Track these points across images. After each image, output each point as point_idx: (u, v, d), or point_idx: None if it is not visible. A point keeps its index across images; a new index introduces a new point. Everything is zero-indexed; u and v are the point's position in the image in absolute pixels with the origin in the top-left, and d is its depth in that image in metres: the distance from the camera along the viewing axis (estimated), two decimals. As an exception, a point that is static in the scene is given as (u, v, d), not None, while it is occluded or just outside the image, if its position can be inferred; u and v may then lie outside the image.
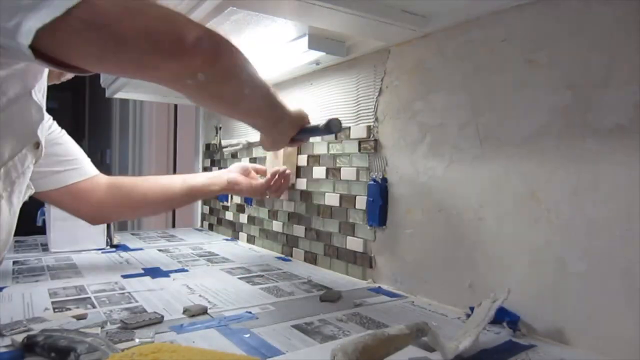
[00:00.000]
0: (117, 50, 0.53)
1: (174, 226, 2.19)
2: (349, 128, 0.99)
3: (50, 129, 0.90)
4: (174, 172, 2.26)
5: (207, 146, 1.72)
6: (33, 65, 0.59)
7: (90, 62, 0.54)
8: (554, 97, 0.62)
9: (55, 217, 1.16)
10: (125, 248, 1.24)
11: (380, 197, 0.89)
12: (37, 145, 0.72)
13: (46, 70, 0.68)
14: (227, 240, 1.46)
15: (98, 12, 0.49)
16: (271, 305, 0.74)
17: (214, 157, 1.65)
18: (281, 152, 1.13)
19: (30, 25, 0.46)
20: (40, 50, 0.48)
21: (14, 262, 1.03)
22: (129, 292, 0.80)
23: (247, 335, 0.61)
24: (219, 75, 0.59)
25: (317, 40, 0.90)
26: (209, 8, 0.73)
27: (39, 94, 0.70)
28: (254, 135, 1.35)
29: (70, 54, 0.51)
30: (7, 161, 0.67)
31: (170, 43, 0.53)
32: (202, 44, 0.54)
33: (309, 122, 0.79)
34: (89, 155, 0.96)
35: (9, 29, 0.47)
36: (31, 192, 0.77)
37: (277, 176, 1.06)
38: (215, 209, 1.63)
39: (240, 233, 1.44)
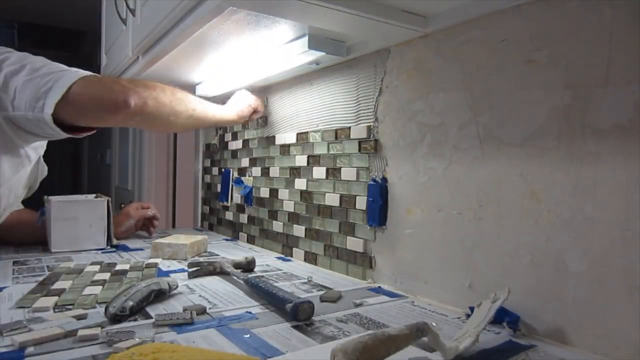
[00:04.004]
0: (86, 115, 0.94)
1: (174, 226, 2.18)
2: (349, 128, 0.99)
3: None
4: (174, 171, 2.26)
5: (207, 146, 1.73)
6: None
7: (78, 122, 0.94)
8: (554, 97, 0.62)
9: (56, 217, 1.16)
10: (125, 248, 1.24)
11: (380, 197, 0.89)
12: (28, 188, 1.20)
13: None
14: (227, 240, 1.46)
15: (73, 93, 0.87)
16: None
17: (214, 157, 1.65)
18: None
19: (51, 102, 0.86)
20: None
21: (14, 262, 1.03)
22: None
23: (247, 335, 0.60)
24: (147, 117, 0.94)
25: (317, 40, 0.90)
26: (209, 8, 0.73)
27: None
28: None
29: (69, 119, 0.91)
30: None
31: (111, 106, 0.89)
32: (129, 103, 0.88)
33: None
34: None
35: (37, 107, 0.88)
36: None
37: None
38: (215, 209, 1.63)
39: (240, 233, 1.44)
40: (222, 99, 1.55)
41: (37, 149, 1.08)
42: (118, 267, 0.97)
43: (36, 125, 0.91)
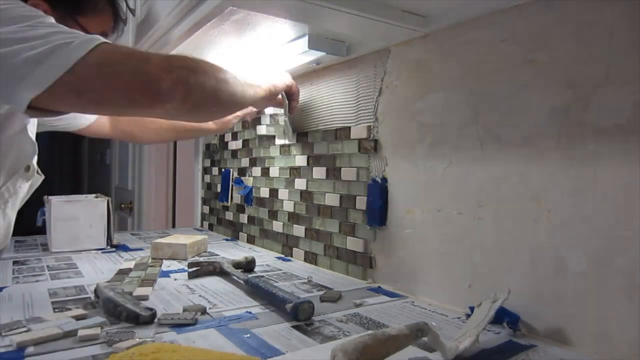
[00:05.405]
0: (98, 109, 0.68)
1: (174, 226, 2.19)
2: (349, 128, 0.99)
3: None
4: (174, 172, 2.26)
5: (207, 146, 1.72)
6: None
7: (78, 112, 0.71)
8: (554, 97, 0.62)
9: (56, 217, 1.16)
10: (125, 248, 1.24)
11: (380, 197, 0.89)
12: (28, 168, 0.90)
13: None
14: (227, 240, 1.46)
15: (80, 80, 0.58)
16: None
17: (214, 157, 1.65)
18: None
19: (23, 96, 0.56)
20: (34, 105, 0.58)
21: (14, 262, 1.03)
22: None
23: (247, 335, 0.60)
24: (185, 109, 0.66)
25: (317, 40, 0.90)
26: (209, 8, 0.73)
27: (32, 127, 0.87)
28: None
29: (60, 110, 0.63)
30: (1, 187, 0.85)
31: (145, 97, 0.61)
32: (175, 91, 0.62)
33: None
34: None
35: (5, 96, 0.58)
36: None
37: None
38: (215, 209, 1.63)
39: (240, 233, 1.44)
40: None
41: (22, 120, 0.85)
42: (123, 266, 0.98)
43: None
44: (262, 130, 1.22)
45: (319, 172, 1.08)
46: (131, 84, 0.60)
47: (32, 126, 0.90)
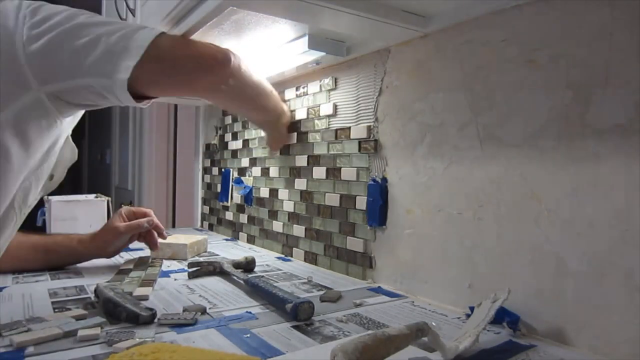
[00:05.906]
0: (172, 74, 0.75)
1: (174, 226, 2.19)
2: (349, 128, 0.99)
3: None
4: (174, 171, 2.26)
5: (207, 146, 1.73)
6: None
7: (152, 88, 0.75)
8: (554, 97, 0.62)
9: (55, 217, 1.16)
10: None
11: (380, 197, 0.89)
12: (51, 177, 0.86)
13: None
14: (227, 240, 1.46)
15: (162, 49, 0.71)
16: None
17: (214, 157, 1.66)
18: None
19: (127, 65, 0.67)
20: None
21: (14, 262, 1.03)
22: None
23: (247, 335, 0.60)
24: (240, 82, 0.85)
25: (317, 40, 0.90)
26: (209, 8, 0.73)
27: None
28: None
29: (143, 84, 0.71)
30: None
31: (209, 62, 0.78)
32: (230, 59, 0.80)
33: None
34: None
35: (107, 70, 0.67)
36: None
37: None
38: (215, 209, 1.63)
39: (240, 233, 1.44)
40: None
41: (70, 124, 0.81)
42: (123, 266, 0.98)
43: (92, 93, 0.70)
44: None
45: (319, 172, 1.08)
46: (201, 53, 0.78)
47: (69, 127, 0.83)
